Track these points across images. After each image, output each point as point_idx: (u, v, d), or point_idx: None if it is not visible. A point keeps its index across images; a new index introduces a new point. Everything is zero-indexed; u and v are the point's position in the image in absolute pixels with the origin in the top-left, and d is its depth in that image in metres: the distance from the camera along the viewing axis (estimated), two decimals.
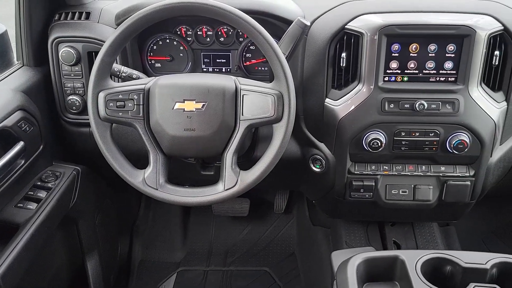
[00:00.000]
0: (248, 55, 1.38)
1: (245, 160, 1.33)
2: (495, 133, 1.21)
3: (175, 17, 1.03)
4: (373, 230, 1.67)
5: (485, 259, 0.98)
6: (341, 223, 1.71)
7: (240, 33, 1.36)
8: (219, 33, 1.37)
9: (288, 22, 1.17)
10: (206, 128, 1.04)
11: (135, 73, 1.22)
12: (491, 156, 1.26)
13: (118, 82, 1.13)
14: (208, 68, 1.41)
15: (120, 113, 1.06)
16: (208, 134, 1.05)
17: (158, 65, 1.41)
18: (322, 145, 1.31)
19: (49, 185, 1.31)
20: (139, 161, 1.14)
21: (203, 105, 1.04)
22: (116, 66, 1.20)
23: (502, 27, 1.15)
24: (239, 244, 2.13)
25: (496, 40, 1.16)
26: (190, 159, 1.34)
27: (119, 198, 1.86)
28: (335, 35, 1.19)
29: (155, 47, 1.40)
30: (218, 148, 1.07)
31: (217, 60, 1.40)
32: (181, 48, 1.39)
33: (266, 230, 2.16)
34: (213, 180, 1.10)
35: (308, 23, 1.10)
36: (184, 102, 1.04)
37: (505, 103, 1.21)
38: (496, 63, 1.17)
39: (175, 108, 1.04)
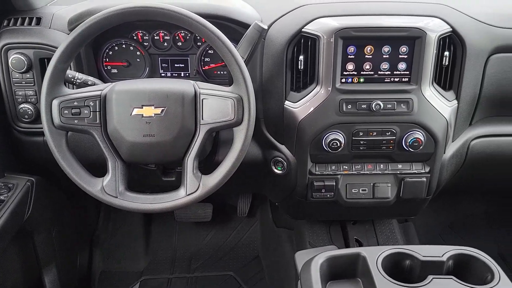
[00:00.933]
0: (206, 59, 1.38)
1: (207, 164, 1.32)
2: (447, 130, 1.26)
3: (131, 22, 1.01)
4: (336, 230, 1.70)
5: (441, 252, 1.02)
6: (304, 224, 1.73)
7: (198, 38, 1.36)
8: (177, 37, 1.36)
9: (246, 26, 1.17)
10: (166, 134, 1.03)
11: (91, 79, 1.18)
12: (444, 153, 1.31)
13: (73, 89, 1.09)
14: (166, 73, 1.39)
15: (75, 121, 1.03)
16: (168, 139, 1.03)
17: (114, 71, 1.38)
18: (283, 147, 1.32)
19: (1, 197, 1.25)
20: (99, 169, 1.10)
21: (162, 110, 1.02)
22: (70, 73, 1.16)
23: (451, 29, 1.20)
24: (203, 250, 2.11)
25: (446, 42, 1.21)
26: (151, 165, 1.32)
27: (77, 208, 1.80)
28: (292, 38, 1.21)
29: (110, 53, 1.36)
30: (179, 153, 1.06)
31: (175, 65, 1.38)
32: (138, 53, 1.37)
33: (229, 235, 2.15)
34: (175, 186, 1.09)
35: (266, 27, 1.10)
36: (142, 107, 1.02)
37: (455, 102, 1.26)
38: (446, 63, 1.22)
39: (133, 114, 1.02)
